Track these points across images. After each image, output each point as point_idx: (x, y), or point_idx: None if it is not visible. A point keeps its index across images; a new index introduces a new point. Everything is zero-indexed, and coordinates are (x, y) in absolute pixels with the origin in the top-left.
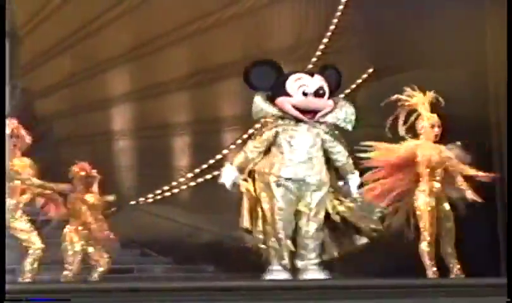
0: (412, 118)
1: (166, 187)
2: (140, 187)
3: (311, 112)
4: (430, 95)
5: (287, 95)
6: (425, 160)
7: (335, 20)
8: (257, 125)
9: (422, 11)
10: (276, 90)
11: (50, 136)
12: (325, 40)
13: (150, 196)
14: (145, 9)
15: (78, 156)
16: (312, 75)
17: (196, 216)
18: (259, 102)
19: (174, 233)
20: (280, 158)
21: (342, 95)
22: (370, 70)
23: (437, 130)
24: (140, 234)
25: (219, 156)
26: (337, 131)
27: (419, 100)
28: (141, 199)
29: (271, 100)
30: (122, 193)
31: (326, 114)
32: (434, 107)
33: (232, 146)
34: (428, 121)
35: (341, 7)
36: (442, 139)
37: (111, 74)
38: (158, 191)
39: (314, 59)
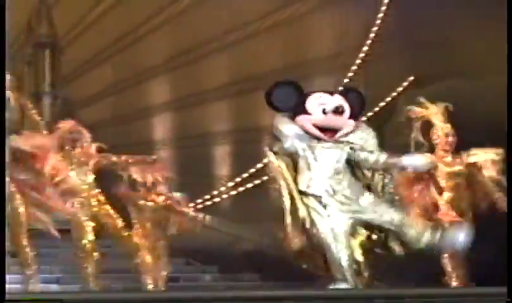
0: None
1: (207, 196)
2: None
3: (331, 131)
4: (442, 105)
5: (307, 113)
6: (443, 172)
7: (375, 28)
8: None
9: (462, 19)
10: (296, 109)
11: None
12: (365, 48)
13: (191, 205)
14: (185, 18)
15: None
16: (332, 94)
17: (237, 225)
18: (279, 125)
19: (216, 242)
20: (307, 174)
21: (383, 103)
22: (411, 78)
23: (451, 139)
24: (181, 243)
25: (259, 165)
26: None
27: (432, 110)
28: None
29: (292, 119)
30: None
31: (346, 134)
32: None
33: None
34: (442, 131)
35: (380, 15)
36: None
37: (152, 83)
38: (200, 200)
39: (354, 67)
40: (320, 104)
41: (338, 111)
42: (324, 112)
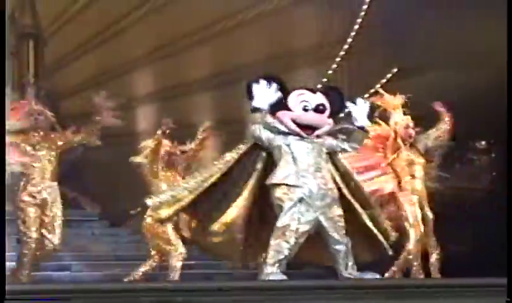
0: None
1: None
2: None
3: (310, 128)
4: (401, 97)
5: (288, 109)
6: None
7: (359, 20)
8: None
9: (446, 10)
10: (277, 104)
11: None
12: (349, 40)
13: None
14: (169, 9)
15: (104, 156)
16: (315, 92)
17: None
18: (259, 134)
19: None
20: (285, 168)
21: (367, 95)
22: (395, 69)
23: (411, 131)
24: None
25: None
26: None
27: (391, 102)
28: None
29: (272, 114)
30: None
31: (325, 133)
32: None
33: None
34: (402, 122)
35: (365, 7)
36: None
37: (135, 74)
38: None
39: (338, 59)
40: (302, 101)
41: (319, 109)
42: (305, 109)
